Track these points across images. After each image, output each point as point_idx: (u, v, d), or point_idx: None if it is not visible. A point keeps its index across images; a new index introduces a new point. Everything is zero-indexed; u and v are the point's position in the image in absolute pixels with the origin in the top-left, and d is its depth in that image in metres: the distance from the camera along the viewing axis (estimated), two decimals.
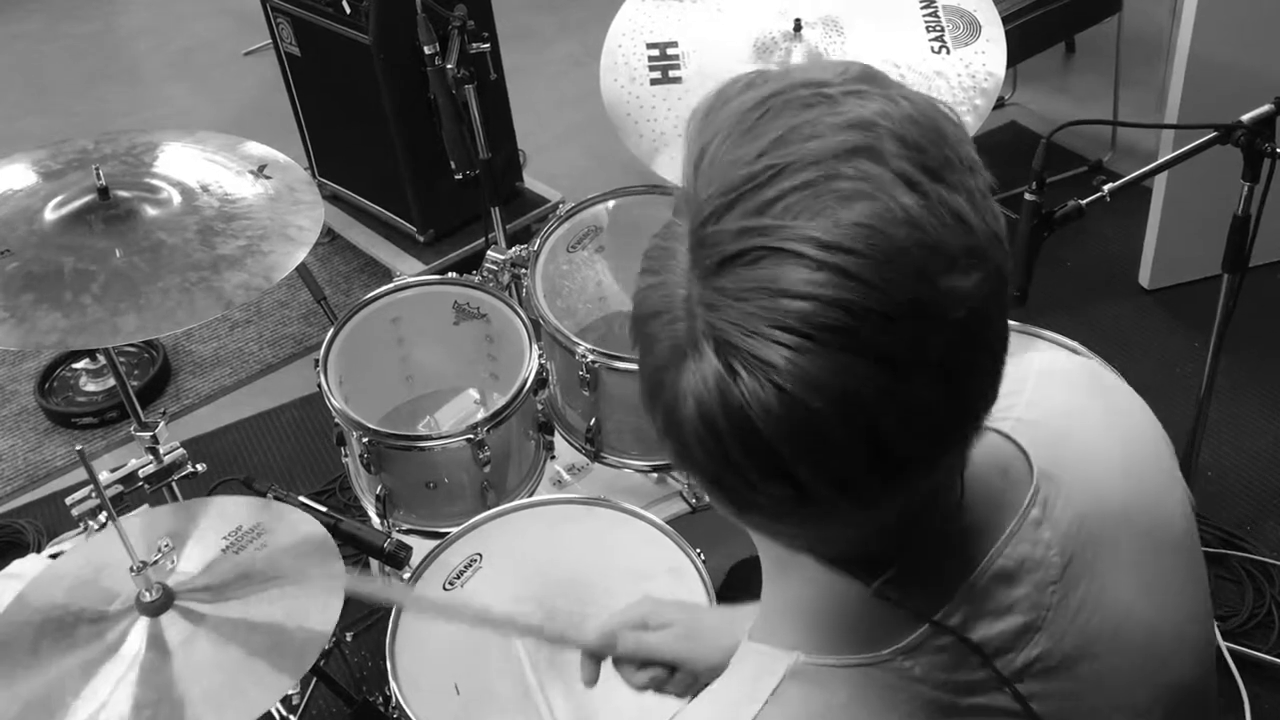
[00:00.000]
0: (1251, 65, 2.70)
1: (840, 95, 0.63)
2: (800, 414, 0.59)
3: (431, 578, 1.74)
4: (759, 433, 0.60)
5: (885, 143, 0.61)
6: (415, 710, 1.56)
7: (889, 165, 0.60)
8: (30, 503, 2.92)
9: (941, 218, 0.60)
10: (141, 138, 1.91)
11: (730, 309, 0.60)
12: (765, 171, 0.61)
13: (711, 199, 0.62)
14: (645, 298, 0.66)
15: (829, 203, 0.59)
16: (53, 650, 1.48)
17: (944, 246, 0.60)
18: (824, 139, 0.61)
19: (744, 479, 0.62)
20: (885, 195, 0.59)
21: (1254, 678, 2.26)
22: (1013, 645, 0.74)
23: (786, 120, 0.62)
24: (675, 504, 2.09)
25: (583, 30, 4.49)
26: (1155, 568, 0.81)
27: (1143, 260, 3.14)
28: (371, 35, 2.97)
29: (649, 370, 0.65)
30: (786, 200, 0.60)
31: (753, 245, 0.60)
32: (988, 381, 0.65)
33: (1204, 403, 2.22)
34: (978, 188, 0.63)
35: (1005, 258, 0.64)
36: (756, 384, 0.59)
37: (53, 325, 1.59)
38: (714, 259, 0.61)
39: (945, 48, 1.95)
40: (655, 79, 2.03)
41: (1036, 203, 1.78)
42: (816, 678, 0.74)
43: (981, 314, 0.61)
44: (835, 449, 0.60)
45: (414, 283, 2.25)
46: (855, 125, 0.61)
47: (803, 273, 0.58)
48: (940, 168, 0.62)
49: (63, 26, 5.06)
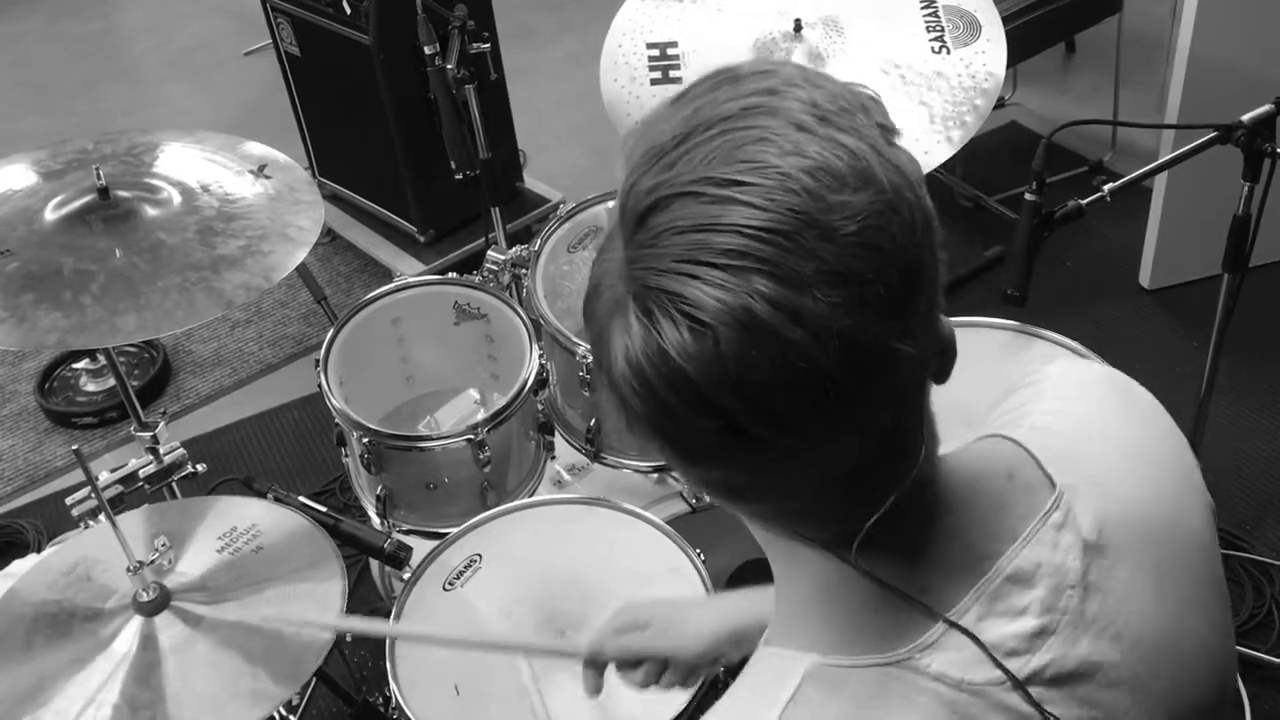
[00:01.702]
0: (1251, 65, 2.70)
1: (746, 76, 0.68)
2: (711, 340, 0.61)
3: (431, 578, 1.74)
4: (680, 368, 0.62)
5: (784, 102, 0.65)
6: (415, 710, 1.56)
7: (783, 116, 0.65)
8: (30, 503, 2.92)
9: (829, 148, 0.64)
10: (141, 138, 1.91)
11: (646, 256, 0.64)
12: (674, 139, 0.66)
13: (632, 172, 0.67)
14: (590, 275, 0.70)
15: (725, 149, 0.64)
16: (46, 644, 1.48)
17: (829, 168, 0.63)
18: (726, 104, 0.66)
19: (677, 420, 0.65)
20: (775, 136, 0.64)
21: (1254, 678, 2.26)
22: (1026, 648, 0.74)
23: (696, 102, 0.68)
24: (675, 504, 2.09)
25: (583, 30, 4.49)
26: (1179, 580, 0.80)
27: (1143, 260, 3.14)
28: (371, 35, 2.97)
29: (593, 342, 0.69)
30: (689, 155, 0.65)
31: (661, 195, 0.64)
32: (898, 300, 0.64)
33: (1204, 403, 2.22)
34: (879, 136, 0.66)
35: (908, 186, 0.66)
36: (670, 322, 0.62)
37: (53, 325, 1.59)
38: (633, 219, 0.66)
39: (945, 48, 1.95)
40: (655, 79, 2.03)
41: (1037, 203, 1.78)
42: (834, 679, 0.74)
43: (878, 228, 0.63)
44: (753, 373, 0.62)
45: (414, 283, 2.25)
46: (758, 92, 0.67)
47: (702, 208, 0.63)
48: (834, 116, 0.65)
49: (63, 26, 5.07)
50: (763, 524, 0.76)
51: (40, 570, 1.59)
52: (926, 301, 0.67)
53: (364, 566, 2.41)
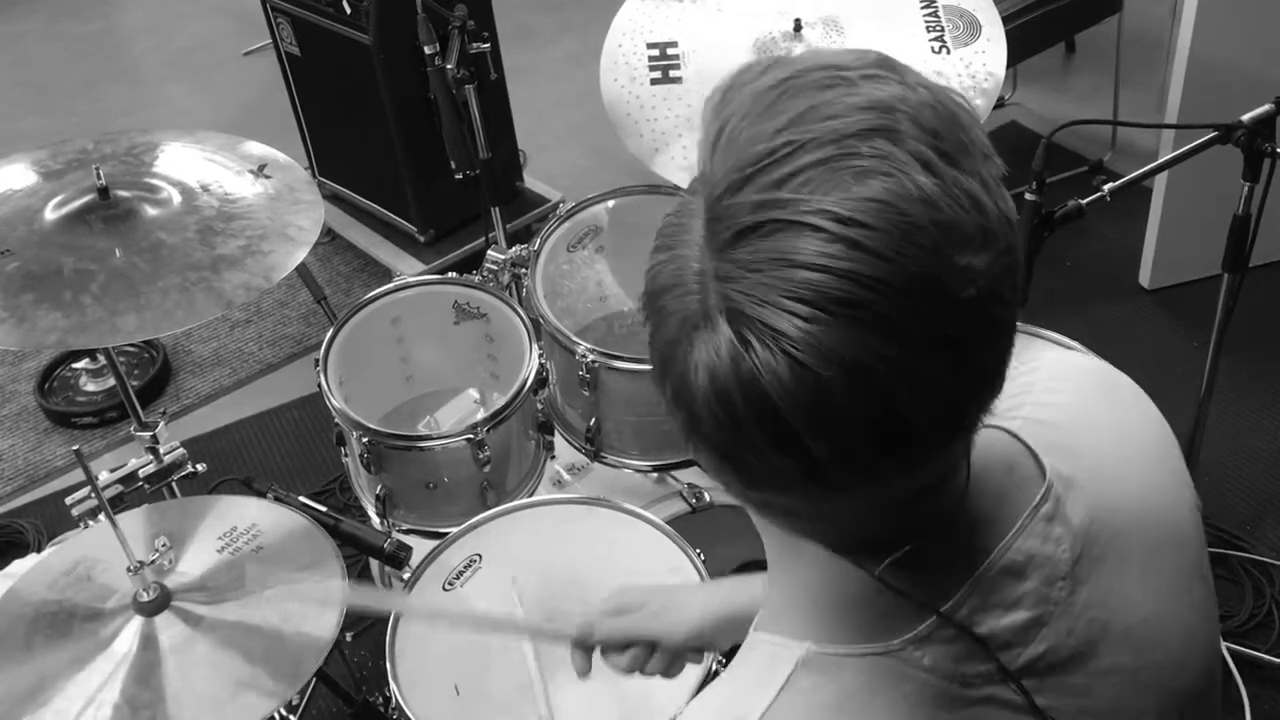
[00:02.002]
0: (1251, 65, 2.70)
1: (858, 79, 0.64)
2: (811, 384, 0.59)
3: (431, 578, 1.74)
4: (770, 403, 0.60)
5: (902, 124, 0.62)
6: (415, 710, 1.56)
7: (905, 146, 0.61)
8: (30, 503, 2.92)
9: (955, 198, 0.61)
10: (141, 138, 1.91)
11: (744, 280, 0.60)
12: (783, 148, 0.61)
13: (728, 174, 0.63)
14: (659, 272, 0.66)
15: (845, 178, 0.60)
16: (46, 644, 1.48)
17: (957, 225, 0.61)
18: (841, 118, 0.62)
19: (754, 450, 0.63)
20: (901, 173, 0.60)
21: (1254, 678, 2.26)
22: (1019, 639, 0.74)
23: (805, 100, 0.63)
24: (675, 504, 2.09)
25: (583, 30, 4.49)
26: (1165, 569, 0.81)
27: (1143, 260, 3.14)
28: (371, 35, 2.97)
29: (660, 343, 0.66)
30: (803, 175, 0.61)
31: (768, 218, 0.60)
32: (997, 362, 0.65)
33: (1204, 403, 2.22)
34: (991, 174, 0.65)
35: (1017, 241, 0.65)
36: (769, 354, 0.60)
37: (53, 325, 1.59)
38: (729, 232, 0.62)
39: (945, 47, 1.95)
40: (655, 79, 2.02)
41: (1037, 203, 1.78)
42: (828, 666, 0.74)
43: (993, 293, 0.62)
44: (845, 421, 0.61)
45: (414, 282, 2.25)
46: (873, 107, 0.62)
47: (817, 244, 0.59)
48: (955, 152, 0.63)
49: (63, 26, 5.06)
50: (780, 528, 0.75)
51: (40, 570, 1.59)
52: (1010, 357, 0.67)
53: (364, 566, 2.41)
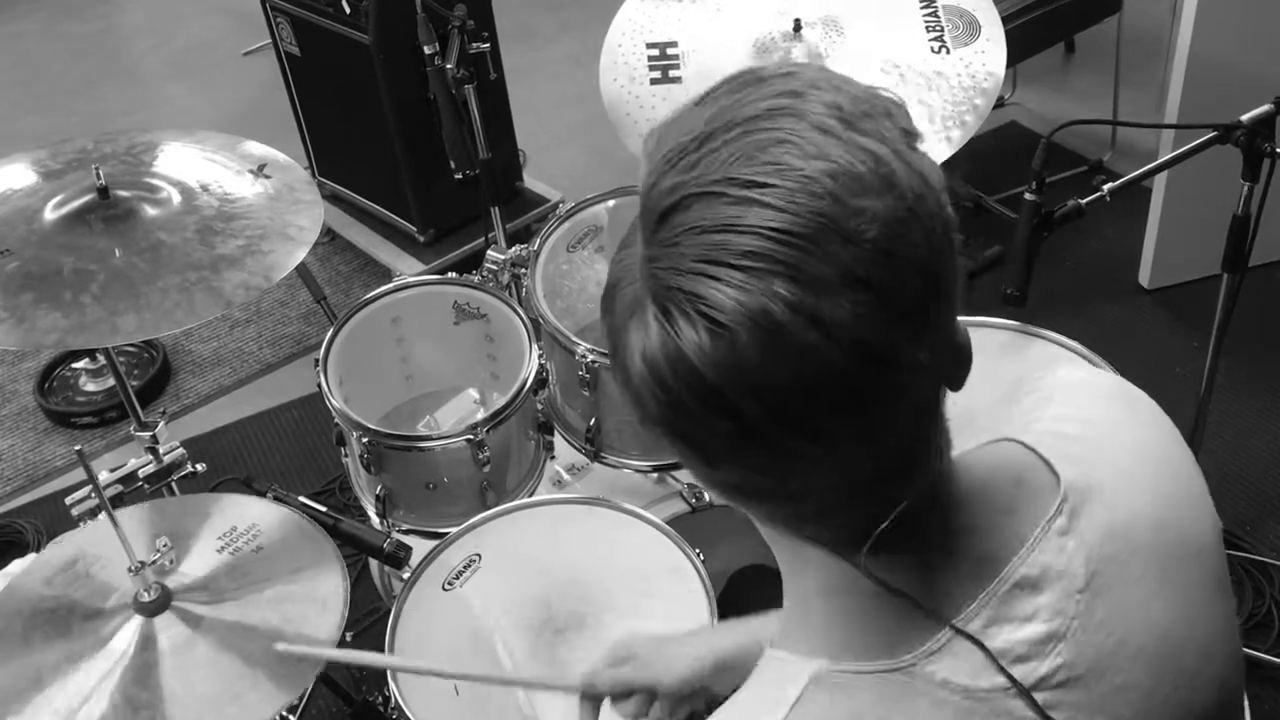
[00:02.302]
0: (1251, 65, 2.70)
1: (770, 77, 0.68)
2: (729, 343, 0.61)
3: (431, 577, 1.74)
4: (697, 370, 0.62)
5: (807, 103, 0.65)
6: (415, 710, 1.56)
7: (807, 120, 0.64)
8: (30, 503, 2.92)
9: (852, 153, 0.63)
10: (141, 137, 1.91)
11: (666, 255, 0.64)
12: (697, 139, 0.66)
13: (654, 169, 0.67)
14: (609, 273, 0.70)
15: (750, 151, 0.64)
16: (44, 641, 1.48)
17: (852, 172, 0.63)
18: (751, 106, 0.66)
19: (694, 421, 0.65)
20: (798, 138, 0.63)
21: (1254, 678, 2.26)
22: (1035, 653, 0.74)
23: (721, 101, 0.68)
24: (675, 504, 2.09)
25: (583, 30, 4.49)
26: (1184, 584, 0.80)
27: (1143, 260, 3.14)
28: (371, 35, 2.97)
29: (610, 337, 0.69)
30: (713, 155, 0.65)
31: (682, 195, 0.65)
32: (917, 307, 0.65)
33: (1204, 403, 2.22)
34: (900, 140, 0.66)
35: (930, 192, 0.66)
36: (688, 322, 0.62)
37: (52, 325, 1.59)
38: (654, 217, 0.66)
39: (945, 48, 1.95)
40: (655, 79, 2.02)
41: (1036, 203, 1.78)
42: (840, 684, 0.74)
43: (899, 235, 0.63)
44: (771, 377, 0.62)
45: (414, 282, 2.25)
46: (781, 94, 0.66)
47: (721, 208, 0.63)
48: (855, 119, 0.65)
49: (63, 26, 5.06)
50: (773, 526, 0.76)
51: (38, 565, 1.59)
52: (945, 309, 0.67)
53: (364, 566, 2.41)
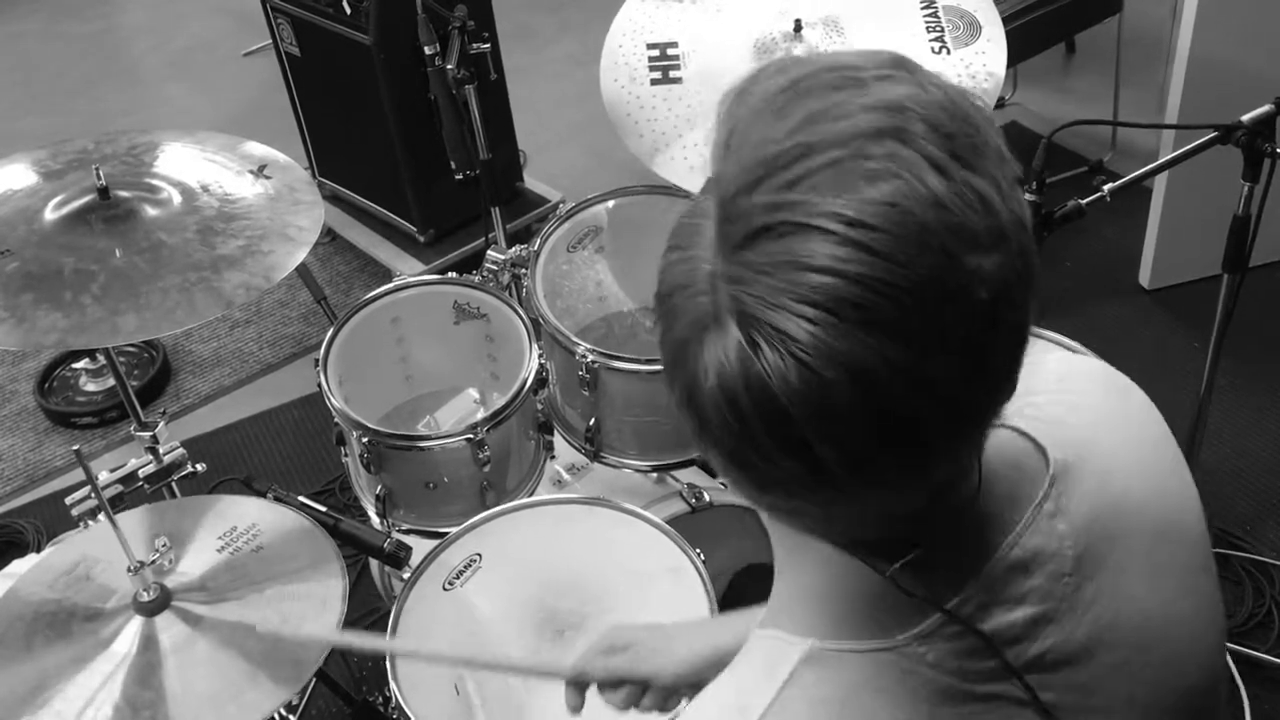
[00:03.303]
0: (1251, 65, 2.70)
1: (870, 79, 0.64)
2: (819, 388, 0.59)
3: (431, 577, 1.74)
4: (779, 406, 0.60)
5: (913, 125, 0.62)
6: (415, 710, 1.56)
7: (916, 148, 0.61)
8: (30, 503, 2.92)
9: (966, 199, 0.61)
10: (141, 138, 1.91)
11: (754, 282, 0.60)
12: (794, 149, 0.61)
13: (739, 175, 0.63)
14: (670, 272, 0.66)
15: (856, 181, 0.60)
16: (46, 645, 1.48)
17: (967, 227, 0.60)
18: (852, 119, 0.62)
19: (762, 454, 0.63)
20: (911, 175, 0.60)
21: (1254, 678, 2.26)
22: (1025, 635, 0.74)
23: (816, 102, 0.63)
24: (675, 504, 2.09)
25: (583, 30, 4.49)
26: (1171, 566, 0.81)
27: (1143, 260, 3.14)
28: (371, 35, 2.97)
29: (670, 344, 0.66)
30: (814, 178, 0.60)
31: (779, 220, 0.60)
32: (1009, 366, 0.65)
33: (1204, 403, 2.22)
34: (1005, 176, 0.64)
35: (1030, 243, 0.64)
36: (778, 356, 0.60)
37: (53, 325, 1.59)
38: (739, 233, 0.62)
39: (945, 48, 1.95)
40: (655, 79, 2.02)
41: (1037, 203, 1.78)
42: (831, 662, 0.74)
43: (1004, 296, 0.62)
44: (852, 425, 0.60)
45: (414, 283, 2.25)
46: (884, 108, 0.62)
47: (827, 247, 0.59)
48: (967, 154, 0.62)
49: (63, 26, 5.06)
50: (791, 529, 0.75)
51: (40, 570, 1.59)
52: (1021, 360, 0.66)
53: (364, 566, 2.41)
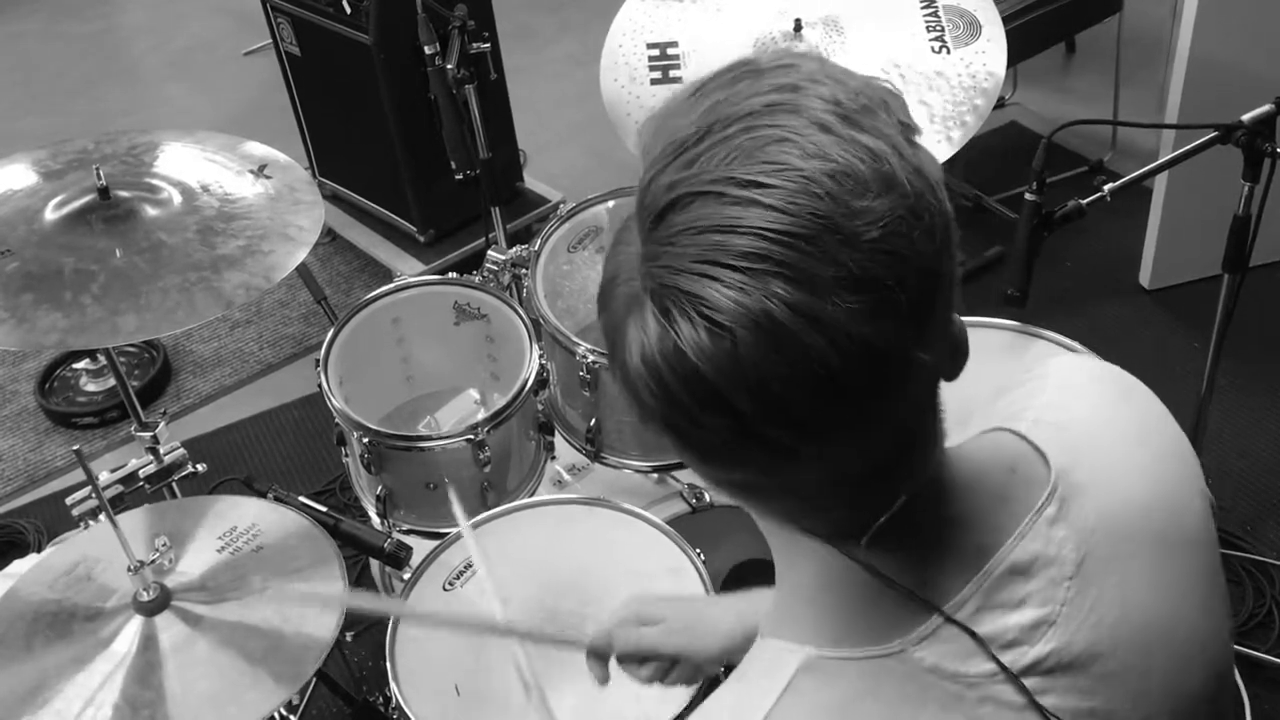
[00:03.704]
0: (1251, 65, 2.70)
1: (767, 69, 0.68)
2: (729, 343, 0.62)
3: (431, 578, 1.74)
4: (695, 368, 0.63)
5: (805, 99, 0.65)
6: (415, 710, 1.56)
7: (804, 115, 0.64)
8: (30, 503, 2.92)
9: (852, 151, 0.63)
10: (141, 138, 1.91)
11: (664, 254, 0.64)
12: (694, 135, 0.66)
13: (650, 166, 0.67)
14: (605, 267, 0.70)
15: (747, 149, 0.64)
16: (46, 645, 1.48)
17: (852, 173, 0.63)
18: (748, 100, 0.66)
19: (690, 419, 0.65)
20: (798, 136, 0.63)
21: (1254, 678, 2.26)
22: (1025, 639, 0.74)
23: (716, 95, 0.67)
24: (675, 504, 2.09)
25: (583, 30, 4.49)
26: (1175, 572, 0.80)
27: (1143, 260, 3.14)
28: (372, 35, 2.97)
29: (608, 332, 0.69)
30: (710, 152, 0.64)
31: (681, 194, 0.64)
32: (917, 304, 0.65)
33: (1204, 403, 2.22)
34: (902, 135, 0.66)
35: (930, 189, 0.66)
36: (688, 322, 0.62)
37: (53, 325, 1.59)
38: (651, 214, 0.66)
39: (945, 48, 1.95)
40: (655, 79, 2.03)
41: (1037, 203, 1.78)
42: (830, 670, 0.74)
43: (900, 234, 0.63)
44: (770, 376, 0.62)
45: (414, 283, 2.25)
46: (779, 89, 0.66)
47: (722, 208, 0.63)
48: (855, 115, 0.65)
49: (62, 26, 5.06)
50: (770, 519, 0.77)
51: (40, 570, 1.59)
52: (944, 305, 0.67)
53: (364, 566, 2.41)
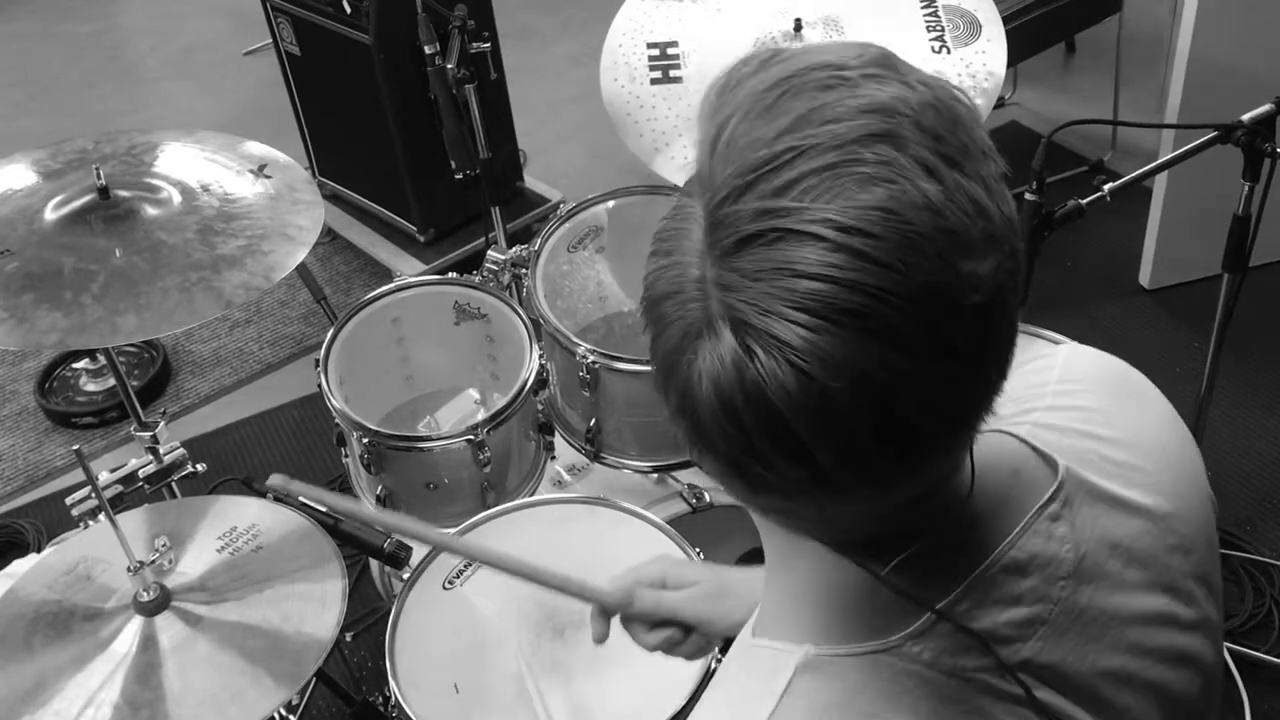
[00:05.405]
0: (1251, 65, 2.70)
1: (859, 78, 0.64)
2: (817, 394, 0.59)
3: (431, 577, 1.74)
4: (777, 412, 0.60)
5: (904, 128, 0.61)
6: (415, 710, 1.56)
7: (908, 151, 0.61)
8: (30, 503, 2.92)
9: (959, 204, 0.61)
10: (141, 137, 1.91)
11: (747, 289, 0.60)
12: (784, 153, 0.61)
13: (729, 179, 0.62)
14: (658, 279, 0.66)
15: (848, 186, 0.60)
16: (46, 644, 1.48)
17: (962, 232, 0.60)
18: (843, 122, 0.61)
19: (761, 460, 0.62)
20: (904, 180, 0.60)
21: (1254, 678, 2.26)
22: (1019, 635, 0.74)
23: (805, 102, 0.63)
24: (675, 504, 2.09)
25: (583, 30, 4.49)
26: (1171, 576, 0.80)
27: (1143, 260, 3.14)
28: (372, 35, 2.97)
29: (663, 352, 0.65)
30: (805, 183, 0.60)
31: (770, 226, 0.60)
32: (1001, 365, 0.65)
33: (1204, 403, 2.22)
34: (993, 174, 0.64)
35: (1019, 243, 0.65)
36: (774, 363, 0.59)
37: (53, 325, 1.59)
38: (730, 239, 0.61)
39: (946, 47, 1.95)
40: (655, 79, 2.02)
41: (1037, 202, 1.78)
42: (828, 667, 0.74)
43: (998, 300, 0.62)
44: (851, 429, 0.60)
45: (414, 283, 2.25)
46: (875, 110, 0.62)
47: (820, 254, 0.59)
48: (957, 155, 0.62)
49: (62, 26, 5.06)
50: (783, 529, 0.75)
51: (40, 570, 1.59)
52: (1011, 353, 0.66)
53: (364, 566, 2.41)
